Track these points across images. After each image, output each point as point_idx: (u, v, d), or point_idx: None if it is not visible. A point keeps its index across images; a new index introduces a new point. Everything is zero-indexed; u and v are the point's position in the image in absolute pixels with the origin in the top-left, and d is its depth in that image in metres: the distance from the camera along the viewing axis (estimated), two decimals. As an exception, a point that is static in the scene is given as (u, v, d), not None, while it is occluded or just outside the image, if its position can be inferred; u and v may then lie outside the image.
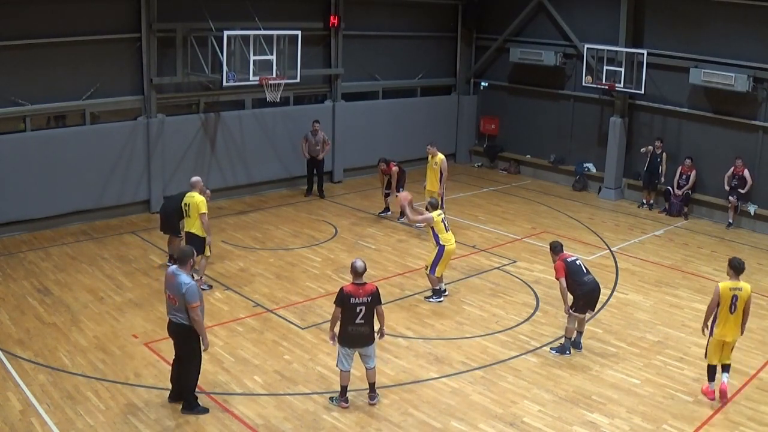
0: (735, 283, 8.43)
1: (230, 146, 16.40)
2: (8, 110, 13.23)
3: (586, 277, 9.36)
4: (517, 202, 17.42)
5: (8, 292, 10.97)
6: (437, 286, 11.25)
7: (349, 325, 7.91)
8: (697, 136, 16.62)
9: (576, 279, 9.26)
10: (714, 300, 8.40)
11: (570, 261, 9.39)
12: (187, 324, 7.65)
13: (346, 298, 7.86)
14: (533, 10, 19.26)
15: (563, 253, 9.50)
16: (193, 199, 10.95)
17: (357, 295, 7.87)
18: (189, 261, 7.81)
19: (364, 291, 7.90)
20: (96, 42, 14.07)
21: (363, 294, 7.89)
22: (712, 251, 14.25)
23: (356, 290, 7.90)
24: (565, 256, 9.45)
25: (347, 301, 7.85)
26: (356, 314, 7.86)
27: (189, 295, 7.50)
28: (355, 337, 7.96)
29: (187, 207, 10.98)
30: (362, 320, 7.90)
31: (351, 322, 7.89)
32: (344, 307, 7.87)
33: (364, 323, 7.93)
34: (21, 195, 13.39)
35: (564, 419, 8.10)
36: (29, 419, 7.65)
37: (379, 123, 19.10)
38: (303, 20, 16.75)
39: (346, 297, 7.86)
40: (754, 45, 15.21)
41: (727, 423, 8.07)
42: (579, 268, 9.36)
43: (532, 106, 19.90)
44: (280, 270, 12.39)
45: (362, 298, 7.87)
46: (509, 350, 9.70)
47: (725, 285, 8.42)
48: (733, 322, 8.37)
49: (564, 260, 9.36)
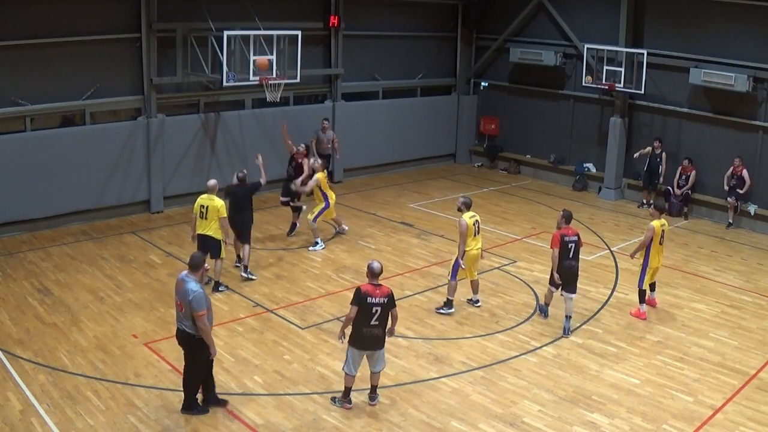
0: (662, 220, 10.61)
1: (230, 146, 16.41)
2: (8, 110, 13.24)
3: (568, 262, 10.10)
4: (517, 202, 17.43)
5: (8, 292, 10.97)
6: (451, 296, 10.84)
7: (363, 326, 7.78)
8: (697, 136, 16.62)
9: (561, 256, 10.07)
10: (648, 236, 10.46)
11: (566, 239, 10.11)
12: (192, 333, 7.47)
13: (363, 298, 7.73)
14: (533, 10, 19.26)
15: (567, 228, 10.20)
16: (213, 202, 10.87)
17: (374, 295, 7.75)
18: (201, 268, 7.59)
19: (381, 292, 7.79)
20: (96, 42, 14.08)
21: (380, 295, 7.77)
22: (712, 251, 14.26)
23: (373, 290, 7.77)
24: (564, 232, 10.16)
25: (364, 301, 7.72)
26: (372, 315, 7.73)
27: (195, 302, 7.33)
28: (368, 338, 7.85)
29: (205, 209, 10.88)
30: (377, 321, 7.78)
31: (366, 323, 7.76)
32: (360, 307, 7.73)
33: (378, 325, 7.81)
34: (21, 195, 13.39)
35: (564, 419, 8.10)
36: (29, 419, 7.64)
37: (379, 123, 19.10)
38: (303, 20, 16.75)
39: (363, 296, 7.74)
40: (754, 45, 15.21)
41: (727, 423, 8.07)
42: (568, 250, 10.10)
43: (532, 106, 19.90)
44: (280, 270, 12.39)
45: (379, 299, 7.75)
46: (509, 350, 9.70)
47: (657, 223, 10.50)
48: (661, 251, 10.76)
49: (562, 235, 10.12)
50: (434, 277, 12.27)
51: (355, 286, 11.68)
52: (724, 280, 12.61)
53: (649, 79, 16.59)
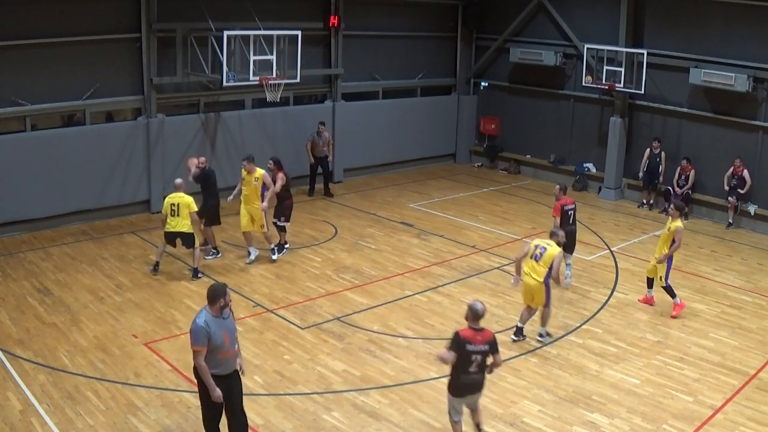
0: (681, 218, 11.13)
1: (230, 146, 16.40)
2: (8, 110, 13.24)
3: (569, 227, 11.53)
4: (517, 202, 17.43)
5: (8, 292, 10.97)
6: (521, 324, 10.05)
7: (461, 374, 7.03)
8: (697, 136, 16.62)
9: (562, 223, 11.50)
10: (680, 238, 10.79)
11: (566, 208, 11.76)
12: (195, 366, 6.63)
13: (462, 344, 6.94)
14: (533, 10, 19.26)
15: (564, 198, 11.83)
16: (183, 198, 11.51)
17: (475, 342, 6.95)
18: (218, 300, 6.55)
19: (482, 338, 7.00)
20: (96, 42, 14.07)
21: (481, 341, 6.98)
22: (712, 251, 14.26)
23: (474, 336, 6.97)
24: (564, 202, 11.79)
25: (463, 348, 6.93)
26: (471, 362, 6.97)
27: (191, 335, 6.55)
28: (468, 386, 7.14)
29: (176, 207, 11.47)
30: (476, 368, 7.03)
31: (464, 370, 7.00)
32: (459, 354, 6.95)
33: (478, 371, 7.07)
34: (21, 195, 13.39)
35: (564, 419, 8.10)
36: (29, 419, 7.64)
37: (379, 123, 19.10)
38: (303, 20, 16.76)
39: (462, 343, 6.94)
40: (754, 45, 15.21)
41: (727, 423, 8.07)
42: (568, 217, 11.77)
43: (532, 106, 19.90)
44: (280, 270, 12.39)
45: (480, 346, 6.96)
46: (509, 350, 9.69)
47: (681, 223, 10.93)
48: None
49: (561, 205, 11.73)
50: (434, 277, 12.27)
51: (355, 286, 11.83)
52: (724, 280, 12.61)
53: (649, 79, 16.59)
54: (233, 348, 6.70)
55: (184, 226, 11.51)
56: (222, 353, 6.56)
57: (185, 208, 11.48)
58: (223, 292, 6.59)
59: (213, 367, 6.55)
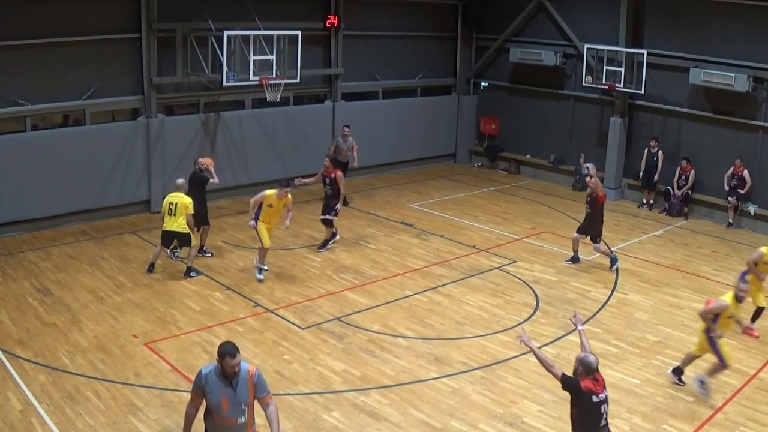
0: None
1: (230, 146, 16.40)
2: (8, 110, 13.24)
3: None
4: (517, 202, 17.43)
5: (8, 292, 10.97)
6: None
7: (593, 429, 6.31)
8: (697, 136, 16.62)
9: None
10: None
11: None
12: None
13: (586, 397, 6.21)
14: (533, 10, 19.26)
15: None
16: (182, 199, 11.57)
17: (597, 392, 6.24)
18: (221, 359, 5.76)
19: (602, 385, 6.33)
20: (96, 42, 14.07)
21: (602, 389, 6.30)
22: (712, 251, 14.26)
23: (595, 386, 6.26)
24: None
25: (589, 401, 6.21)
26: (601, 414, 6.26)
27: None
28: None
29: (174, 206, 11.55)
30: (606, 421, 6.34)
31: (595, 425, 6.28)
32: (586, 408, 6.26)
33: (606, 424, 6.37)
34: (21, 195, 13.38)
35: (564, 419, 8.05)
36: (29, 419, 7.64)
37: (379, 123, 19.10)
38: (303, 20, 16.76)
39: (587, 396, 6.21)
40: (754, 45, 15.21)
41: (727, 423, 8.07)
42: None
43: (532, 106, 19.90)
44: (280, 270, 12.40)
45: (603, 394, 6.28)
46: (509, 350, 9.69)
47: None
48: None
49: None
50: (434, 277, 12.27)
51: (355, 286, 11.84)
52: (724, 280, 12.60)
53: (649, 79, 16.59)
54: (235, 419, 5.82)
55: (179, 226, 11.55)
56: (220, 418, 5.80)
57: (182, 208, 11.53)
58: (225, 353, 5.69)
59: (211, 430, 5.94)
